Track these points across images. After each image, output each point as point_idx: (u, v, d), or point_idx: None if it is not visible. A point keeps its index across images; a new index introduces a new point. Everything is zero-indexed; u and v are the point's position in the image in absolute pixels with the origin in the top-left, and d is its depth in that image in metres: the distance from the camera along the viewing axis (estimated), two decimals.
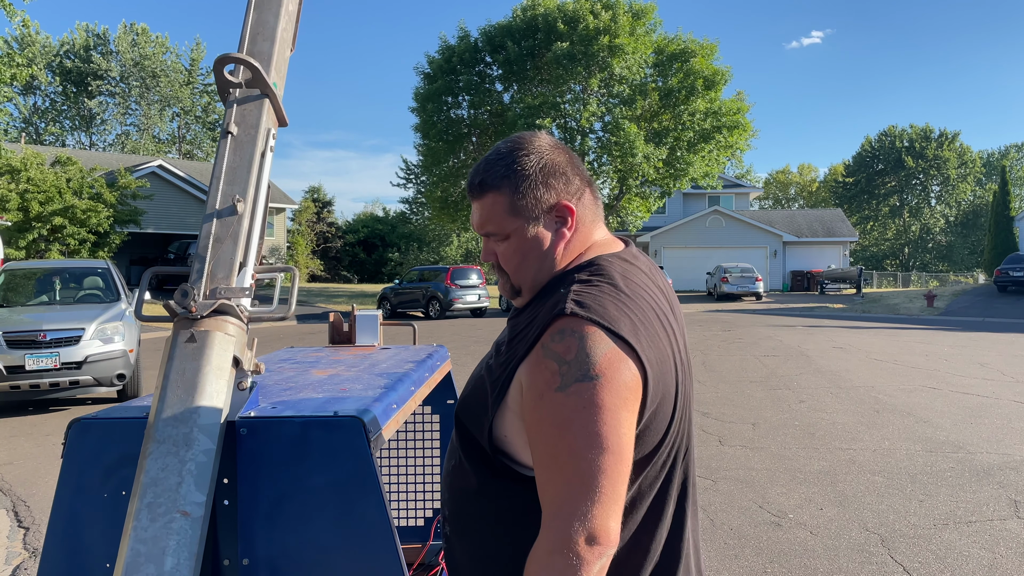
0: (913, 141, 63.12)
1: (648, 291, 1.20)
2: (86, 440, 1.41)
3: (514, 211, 1.19)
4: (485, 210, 1.22)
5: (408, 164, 38.21)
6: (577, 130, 28.44)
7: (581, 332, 1.06)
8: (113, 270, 9.81)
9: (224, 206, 1.50)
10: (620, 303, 1.12)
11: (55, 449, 6.21)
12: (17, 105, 48.36)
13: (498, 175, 1.20)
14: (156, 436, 1.31)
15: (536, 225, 1.20)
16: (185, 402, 1.33)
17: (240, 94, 1.58)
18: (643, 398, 1.08)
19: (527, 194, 1.19)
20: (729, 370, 10.50)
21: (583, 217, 1.23)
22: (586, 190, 1.25)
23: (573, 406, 1.03)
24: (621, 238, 1.33)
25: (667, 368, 1.14)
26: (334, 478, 1.37)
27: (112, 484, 1.40)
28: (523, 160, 1.19)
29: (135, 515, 1.26)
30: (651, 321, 1.14)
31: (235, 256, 1.47)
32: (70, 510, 1.40)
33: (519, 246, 1.21)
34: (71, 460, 1.41)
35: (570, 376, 1.04)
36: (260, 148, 1.57)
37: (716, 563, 3.85)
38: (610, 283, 1.15)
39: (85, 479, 1.40)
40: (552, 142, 1.24)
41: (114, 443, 1.41)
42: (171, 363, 1.37)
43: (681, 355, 1.22)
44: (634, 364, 1.07)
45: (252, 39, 1.65)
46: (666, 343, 1.16)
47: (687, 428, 1.23)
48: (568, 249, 1.22)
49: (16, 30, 14.49)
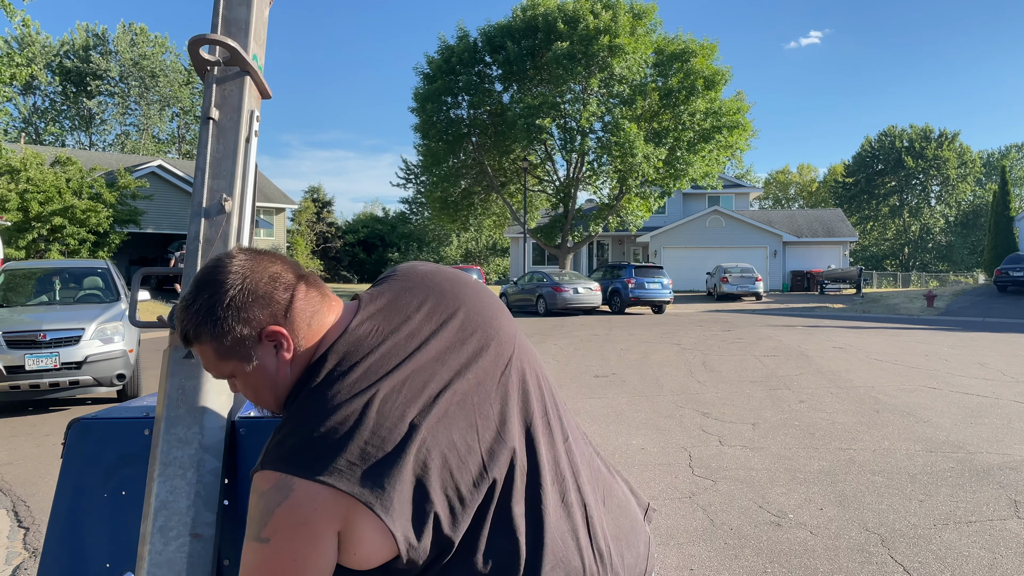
0: (913, 141, 63.13)
1: (357, 386, 1.11)
2: (86, 440, 1.41)
3: (223, 355, 1.15)
4: (202, 358, 1.18)
5: (408, 164, 38.24)
6: (577, 130, 28.44)
7: (261, 489, 1.06)
8: (113, 270, 9.81)
9: (211, 204, 1.45)
10: (312, 437, 1.07)
11: (55, 449, 6.20)
12: (17, 105, 48.38)
13: (193, 325, 1.14)
14: (162, 458, 1.31)
15: (251, 360, 1.15)
16: (188, 422, 1.33)
17: (219, 72, 1.49)
18: (373, 512, 1.05)
19: (227, 337, 1.13)
20: (729, 370, 10.50)
21: (298, 330, 1.16)
22: (296, 292, 1.18)
23: (249, 561, 1.06)
24: (355, 296, 1.26)
25: (396, 471, 1.07)
26: None
27: (112, 484, 1.40)
28: (212, 303, 1.13)
29: (148, 538, 1.29)
30: (364, 433, 1.07)
31: None
32: (70, 510, 1.40)
33: (246, 383, 1.18)
34: (71, 460, 1.41)
35: (250, 532, 1.06)
36: (244, 134, 1.50)
37: (716, 563, 3.85)
38: (304, 415, 1.10)
39: (85, 479, 1.40)
40: (243, 265, 1.16)
41: (114, 443, 1.41)
42: (171, 380, 1.36)
43: (445, 408, 1.15)
44: (322, 502, 1.03)
45: (228, 4, 1.55)
46: (395, 440, 1.08)
47: (510, 454, 1.17)
48: (296, 363, 1.17)
49: (16, 30, 14.43)
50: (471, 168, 32.27)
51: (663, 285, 23.99)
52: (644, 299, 23.84)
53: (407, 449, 1.08)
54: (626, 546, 1.29)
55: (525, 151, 30.60)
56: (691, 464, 5.70)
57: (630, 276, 24.07)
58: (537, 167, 32.12)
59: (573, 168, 30.87)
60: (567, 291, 22.51)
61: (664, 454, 6.00)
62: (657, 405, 8.01)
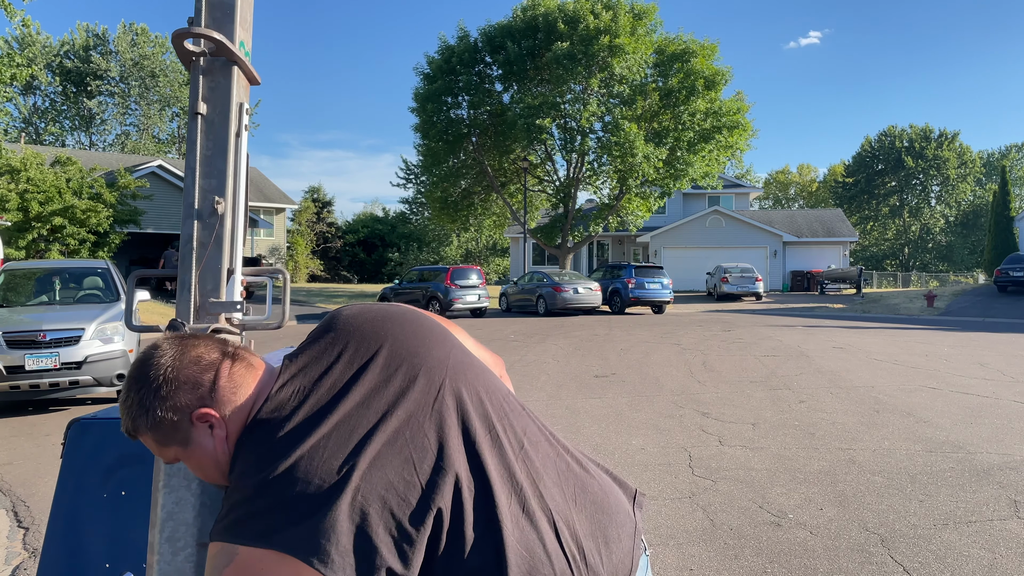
0: (913, 141, 63.13)
1: (284, 441, 1.15)
2: (86, 440, 1.41)
3: (162, 443, 1.21)
4: (147, 446, 1.24)
5: (408, 164, 38.22)
6: (577, 130, 28.43)
7: (212, 559, 1.11)
8: (113, 270, 9.81)
9: (203, 204, 1.41)
10: (249, 502, 1.10)
11: (55, 449, 6.20)
12: (17, 105, 48.36)
13: (131, 420, 1.20)
14: (166, 469, 1.32)
15: (188, 443, 1.20)
16: None
17: (205, 63, 1.43)
18: (322, 560, 1.07)
19: (161, 426, 1.19)
20: (729, 370, 10.50)
21: (225, 408, 1.21)
22: (220, 371, 1.22)
23: None
24: (264, 362, 1.29)
25: (332, 520, 1.09)
26: None
27: (111, 484, 1.40)
28: (141, 397, 1.19)
29: (157, 547, 1.31)
30: (294, 490, 1.10)
31: (221, 262, 1.42)
32: (70, 510, 1.40)
33: (191, 463, 1.23)
34: (71, 460, 1.41)
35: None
36: (234, 128, 1.45)
37: (716, 563, 3.85)
38: (239, 484, 1.14)
39: (84, 479, 1.40)
40: (167, 355, 1.21)
41: (113, 443, 1.41)
42: None
43: (381, 443, 1.17)
44: (268, 563, 1.07)
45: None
46: (322, 484, 1.11)
47: (454, 465, 1.20)
48: (232, 437, 1.21)
49: (16, 30, 14.40)
50: (471, 168, 32.25)
51: (663, 285, 23.99)
52: (644, 299, 23.83)
53: (339, 501, 1.10)
54: (605, 542, 1.28)
55: (525, 151, 30.59)
56: (691, 464, 5.70)
57: (630, 276, 24.07)
58: (537, 167, 32.11)
59: (573, 168, 30.86)
60: (567, 291, 22.51)
61: (664, 454, 6.00)
62: (657, 405, 8.01)
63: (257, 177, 41.75)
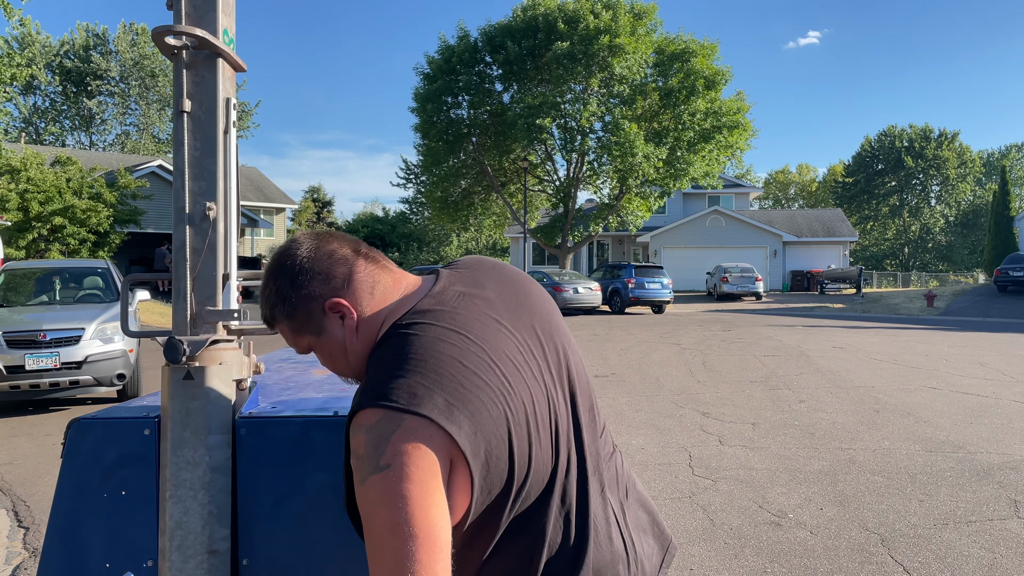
0: (913, 141, 63.11)
1: (448, 340, 1.18)
2: (86, 440, 1.41)
3: (297, 331, 1.26)
4: (283, 336, 1.30)
5: (408, 164, 38.21)
6: (577, 130, 28.42)
7: (367, 423, 1.08)
8: (113, 270, 9.81)
9: (195, 208, 1.38)
10: (409, 374, 1.11)
11: (55, 449, 6.20)
12: (17, 105, 48.33)
13: (268, 309, 1.27)
14: (172, 479, 1.32)
15: (322, 331, 1.25)
16: (194, 444, 1.33)
17: (188, 57, 1.39)
18: (464, 458, 1.09)
19: (296, 313, 1.25)
20: (729, 370, 10.50)
21: (360, 299, 1.26)
22: (355, 267, 1.27)
23: (373, 499, 1.04)
24: (431, 270, 1.35)
25: (482, 417, 1.12)
26: (334, 478, 1.37)
27: (112, 484, 1.40)
28: (279, 285, 1.25)
29: (168, 555, 1.31)
30: (450, 375, 1.13)
31: (216, 269, 1.39)
32: (70, 510, 1.40)
33: (322, 353, 1.29)
34: (71, 460, 1.41)
35: (364, 470, 1.06)
36: (222, 125, 1.40)
37: (716, 563, 3.85)
38: (396, 355, 1.15)
39: (85, 479, 1.40)
40: (303, 247, 1.27)
41: (114, 443, 1.41)
42: (173, 402, 1.34)
43: (522, 380, 1.20)
44: (432, 435, 1.07)
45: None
46: (483, 385, 1.14)
47: (566, 446, 1.24)
48: (363, 333, 1.25)
49: (14, 29, 14.38)
50: (471, 168, 32.23)
51: (663, 285, 23.99)
52: (644, 299, 23.83)
53: (497, 398, 1.15)
54: (645, 538, 1.38)
55: (525, 151, 30.57)
56: (691, 464, 5.70)
57: (630, 276, 24.07)
58: (537, 167, 32.09)
59: (573, 168, 30.85)
60: (567, 291, 22.50)
61: (664, 454, 6.00)
62: (657, 405, 8.01)
63: (257, 177, 41.76)
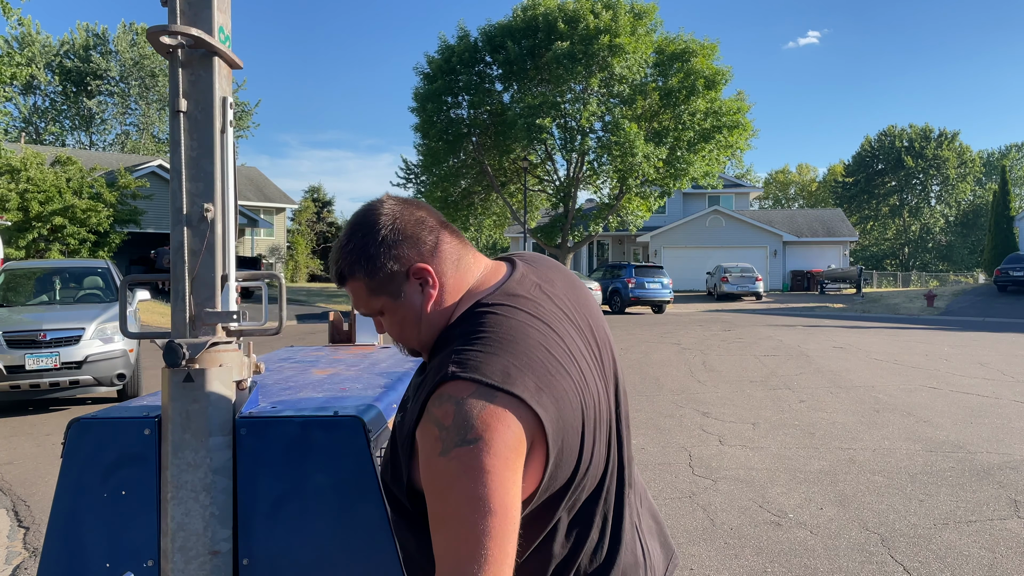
0: (913, 141, 63.11)
1: (534, 325, 1.19)
2: (86, 440, 1.41)
3: (375, 291, 1.24)
4: (353, 296, 1.27)
5: (408, 164, 38.21)
6: (577, 130, 28.42)
7: (458, 395, 1.07)
8: (113, 270, 9.81)
9: (192, 210, 1.37)
10: (500, 352, 1.12)
11: (55, 449, 6.21)
12: (17, 105, 48.34)
13: (348, 263, 1.24)
14: (173, 482, 1.32)
15: (400, 295, 1.23)
16: (195, 446, 1.33)
17: (184, 56, 1.37)
18: (544, 440, 1.09)
19: (379, 273, 1.22)
20: (729, 370, 10.50)
21: (444, 269, 1.25)
22: (441, 238, 1.26)
23: (454, 471, 1.03)
24: (507, 258, 1.34)
25: (564, 404, 1.13)
26: (334, 478, 1.37)
27: (112, 484, 1.40)
28: (365, 242, 1.22)
29: (170, 556, 1.31)
30: (538, 360, 1.14)
31: (215, 270, 1.38)
32: (70, 510, 1.40)
33: (394, 319, 1.26)
34: (71, 460, 1.41)
35: (450, 441, 1.04)
36: (219, 125, 1.38)
37: (716, 563, 3.85)
38: (487, 332, 1.15)
39: (85, 479, 1.40)
40: (392, 207, 1.25)
41: (114, 443, 1.41)
42: (173, 405, 1.34)
43: (587, 379, 1.21)
44: (519, 414, 1.07)
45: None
46: (561, 376, 1.15)
47: (614, 450, 1.25)
48: (441, 304, 1.24)
49: (13, 28, 14.37)
50: (471, 168, 32.22)
51: (663, 285, 23.99)
52: (644, 299, 23.83)
53: (576, 389, 1.16)
54: (655, 546, 1.39)
55: (525, 151, 30.56)
56: (691, 464, 5.70)
57: (630, 276, 24.07)
58: (537, 167, 32.09)
59: (573, 168, 30.85)
60: None
61: (664, 454, 6.00)
62: (657, 405, 8.01)
63: (257, 177, 41.76)
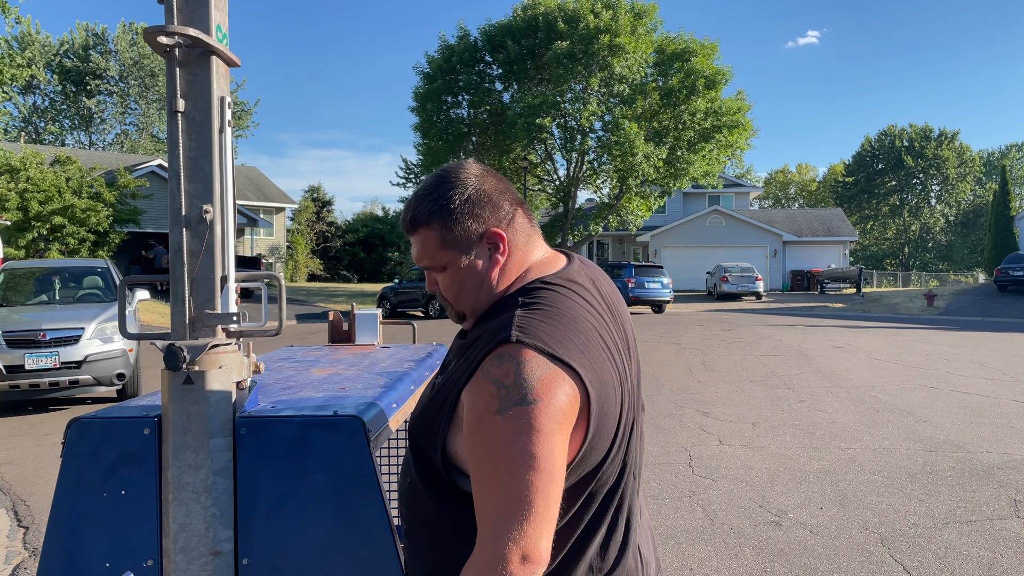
0: (913, 140, 63.10)
1: (590, 312, 1.22)
2: (85, 439, 1.41)
3: (446, 244, 1.24)
4: (420, 245, 1.27)
5: (408, 164, 38.19)
6: (577, 129, 28.41)
7: (520, 357, 1.09)
8: (113, 269, 9.80)
9: (191, 211, 1.36)
10: (559, 327, 1.15)
11: (55, 448, 6.21)
12: (17, 105, 48.31)
13: (426, 211, 1.24)
14: (175, 483, 1.32)
15: (469, 255, 1.24)
16: (195, 448, 1.33)
17: (181, 55, 1.36)
18: (587, 417, 1.12)
19: (455, 227, 1.23)
20: (729, 370, 10.49)
21: (515, 241, 1.27)
22: (517, 213, 1.28)
23: (511, 429, 1.05)
24: (564, 252, 1.36)
25: (609, 389, 1.16)
26: (334, 478, 1.37)
27: (112, 483, 1.40)
28: (449, 194, 1.23)
29: (173, 556, 1.31)
30: (592, 342, 1.17)
31: (215, 271, 1.38)
32: (70, 509, 1.40)
33: (455, 276, 1.26)
34: (71, 459, 1.41)
35: (509, 400, 1.06)
36: (217, 124, 1.38)
37: (716, 563, 3.85)
38: (549, 306, 1.18)
39: (84, 478, 1.40)
40: (478, 171, 1.27)
41: (114, 442, 1.41)
42: (173, 406, 1.34)
43: (625, 374, 1.24)
44: (573, 386, 1.10)
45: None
46: (608, 364, 1.18)
47: (635, 446, 1.27)
48: (504, 274, 1.26)
49: (11, 27, 14.36)
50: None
51: (663, 284, 23.98)
52: (644, 298, 23.82)
53: (618, 379, 1.19)
54: (650, 540, 1.41)
55: (525, 151, 30.56)
56: (691, 463, 5.70)
57: (630, 275, 24.06)
58: (537, 166, 32.08)
59: (573, 167, 30.84)
60: None
61: (664, 453, 6.00)
62: (657, 404, 8.01)
63: (257, 176, 41.74)
